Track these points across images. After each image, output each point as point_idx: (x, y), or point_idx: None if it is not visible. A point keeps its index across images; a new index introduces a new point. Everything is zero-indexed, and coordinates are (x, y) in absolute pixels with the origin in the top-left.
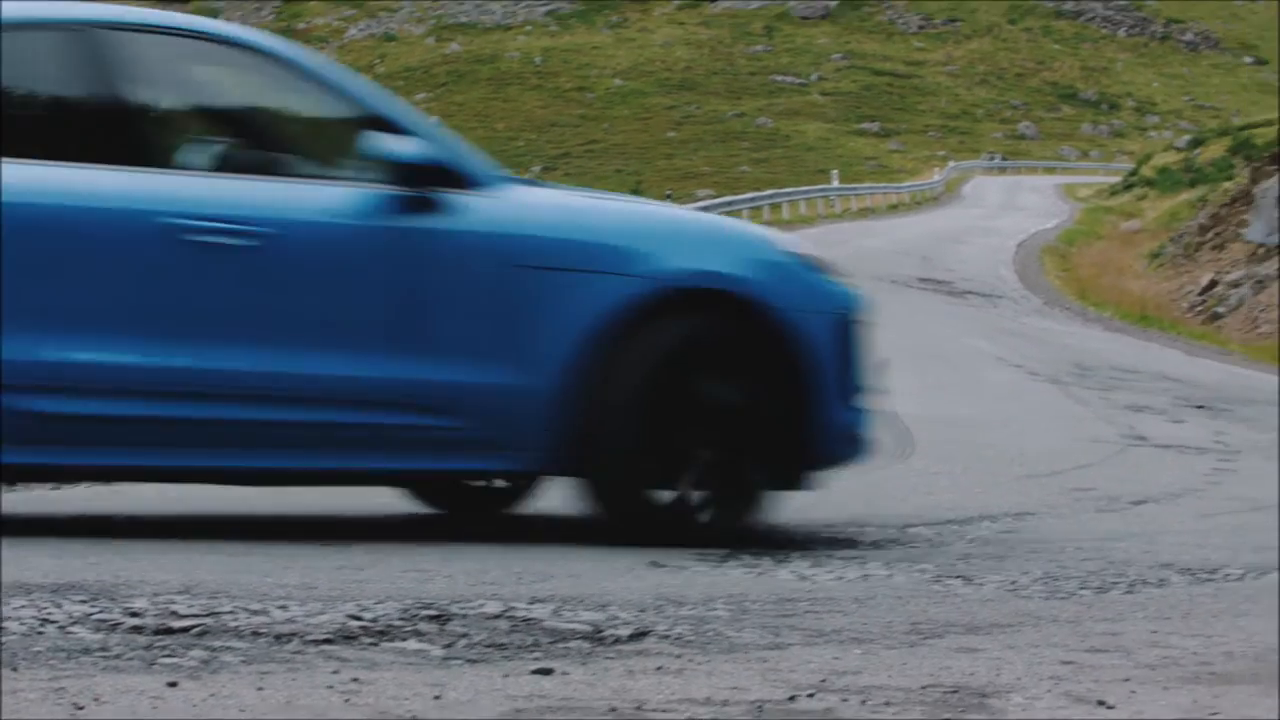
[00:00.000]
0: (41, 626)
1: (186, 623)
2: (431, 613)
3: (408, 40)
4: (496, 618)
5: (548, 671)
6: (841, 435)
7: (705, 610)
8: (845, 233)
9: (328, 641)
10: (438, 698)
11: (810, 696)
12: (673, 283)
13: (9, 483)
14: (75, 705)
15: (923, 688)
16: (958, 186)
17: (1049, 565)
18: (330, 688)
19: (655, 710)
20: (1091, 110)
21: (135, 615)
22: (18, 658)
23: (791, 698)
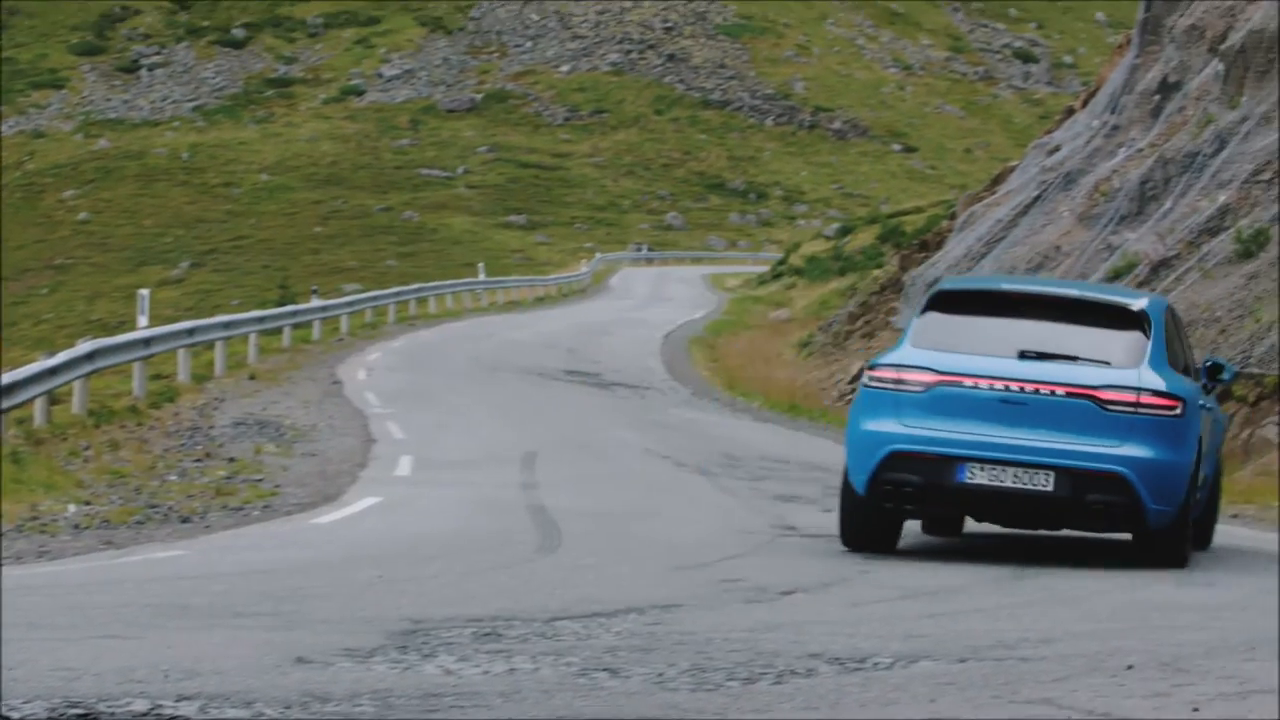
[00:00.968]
0: None
1: None
2: (79, 711)
3: (57, 136)
4: (144, 715)
5: None
6: None
7: (350, 707)
8: (492, 326)
9: None
10: None
11: None
12: None
13: None
14: None
15: None
16: (605, 278)
17: (696, 657)
18: None
19: None
20: (739, 199)
21: None
22: None
23: None
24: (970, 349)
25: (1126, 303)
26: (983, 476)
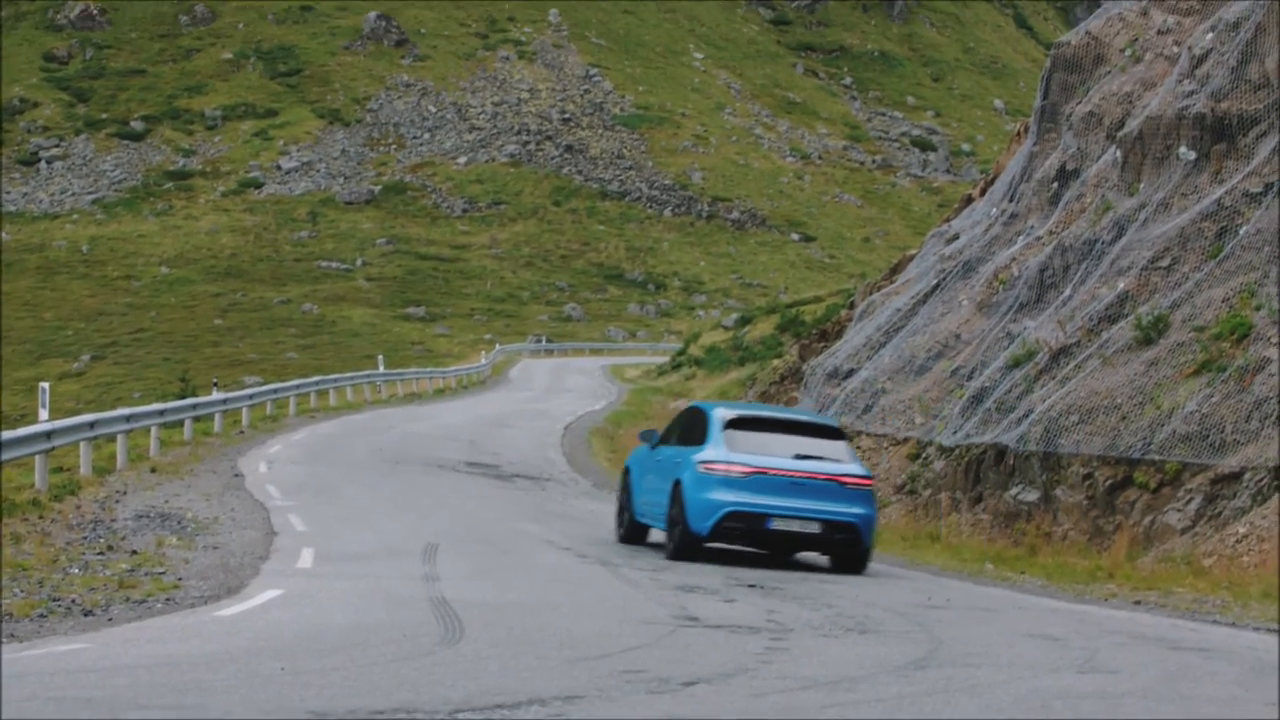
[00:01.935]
0: None
1: None
2: None
3: None
4: None
5: None
6: None
7: None
8: (392, 418)
9: None
10: None
11: None
12: None
13: None
14: None
15: None
16: (505, 369)
17: None
18: None
19: None
20: (638, 290)
21: None
22: None
23: None
24: (764, 452)
25: (831, 423)
26: (780, 525)
